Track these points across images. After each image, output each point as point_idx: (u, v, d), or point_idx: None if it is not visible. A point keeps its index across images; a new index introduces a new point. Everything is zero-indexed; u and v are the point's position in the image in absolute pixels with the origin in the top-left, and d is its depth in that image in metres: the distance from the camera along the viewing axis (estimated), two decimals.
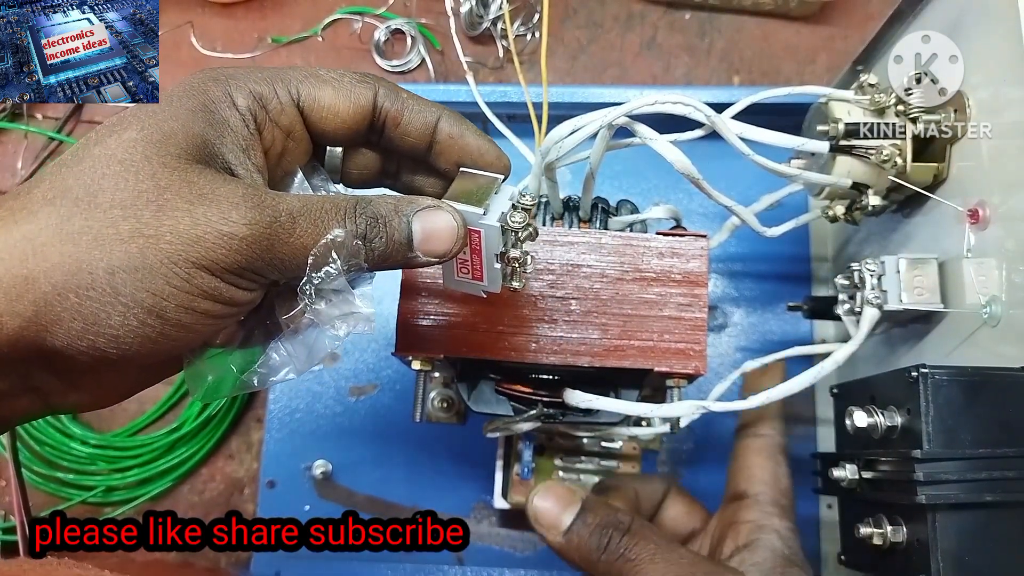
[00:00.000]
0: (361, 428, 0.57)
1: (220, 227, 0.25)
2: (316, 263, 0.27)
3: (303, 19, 0.66)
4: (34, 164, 0.62)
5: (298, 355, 0.30)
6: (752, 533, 0.38)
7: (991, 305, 0.35)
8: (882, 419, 0.35)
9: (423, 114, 0.31)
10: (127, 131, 0.26)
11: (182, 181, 0.25)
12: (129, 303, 0.25)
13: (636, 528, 0.36)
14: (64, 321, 0.25)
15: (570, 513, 0.36)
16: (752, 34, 0.63)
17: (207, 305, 0.26)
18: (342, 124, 0.31)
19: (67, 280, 0.24)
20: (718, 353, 0.57)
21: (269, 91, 0.30)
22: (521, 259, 0.31)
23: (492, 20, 0.62)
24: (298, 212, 0.27)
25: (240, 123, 0.28)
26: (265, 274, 0.27)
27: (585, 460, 0.52)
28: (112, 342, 0.25)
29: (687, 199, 0.59)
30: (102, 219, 0.25)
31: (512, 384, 0.39)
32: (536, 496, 0.37)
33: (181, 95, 0.28)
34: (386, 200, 0.29)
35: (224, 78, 0.29)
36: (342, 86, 0.31)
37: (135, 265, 0.24)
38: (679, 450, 0.56)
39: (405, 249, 0.29)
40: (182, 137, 0.26)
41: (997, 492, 0.32)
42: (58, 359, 0.26)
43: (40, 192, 0.25)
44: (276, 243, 0.26)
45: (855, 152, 0.40)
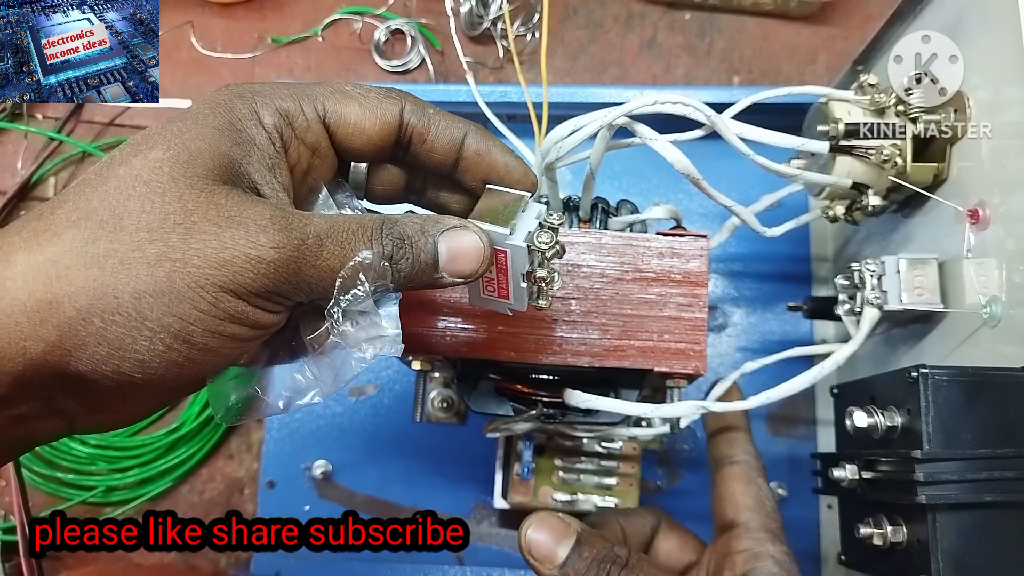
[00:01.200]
0: (361, 428, 0.57)
1: (248, 251, 0.25)
2: (344, 285, 0.27)
3: (303, 19, 0.66)
4: (34, 164, 0.62)
5: (324, 378, 0.29)
6: (748, 562, 0.37)
7: (991, 305, 0.35)
8: (882, 419, 0.35)
9: (450, 130, 0.31)
10: (153, 150, 0.26)
11: (209, 203, 0.25)
12: (155, 328, 0.24)
13: (634, 562, 0.35)
14: (89, 346, 0.24)
15: (565, 546, 0.35)
16: (752, 34, 0.63)
17: (234, 329, 0.26)
18: (368, 141, 0.30)
19: (92, 304, 0.24)
20: (718, 353, 0.57)
21: (295, 108, 0.29)
22: (547, 278, 0.31)
23: (492, 20, 0.62)
24: (325, 234, 0.26)
25: (266, 141, 0.28)
26: (292, 296, 0.27)
27: (585, 460, 0.52)
28: (138, 367, 0.25)
29: (687, 199, 0.59)
30: (128, 242, 0.24)
31: (512, 384, 0.39)
32: (529, 528, 0.35)
33: (207, 113, 0.27)
34: (412, 220, 0.28)
35: (250, 95, 0.29)
36: (368, 102, 0.30)
37: (162, 289, 0.24)
38: (679, 450, 0.56)
39: (431, 270, 0.28)
40: (209, 157, 0.26)
41: (997, 492, 0.31)
42: (82, 383, 0.26)
43: (64, 213, 0.25)
44: (303, 266, 0.26)
45: (855, 152, 0.40)
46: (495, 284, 0.31)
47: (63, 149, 0.63)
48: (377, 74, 0.64)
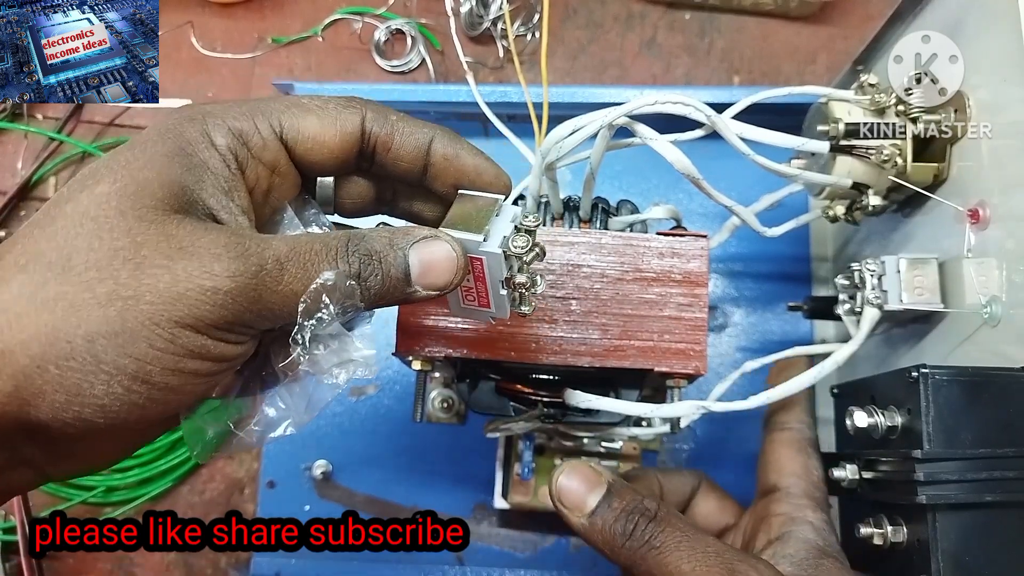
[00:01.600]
0: (361, 428, 0.57)
1: (202, 282, 0.24)
2: (307, 310, 0.25)
3: (303, 19, 0.66)
4: (34, 164, 0.62)
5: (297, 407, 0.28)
6: (784, 526, 0.36)
7: (991, 305, 0.35)
8: (882, 419, 0.35)
9: (414, 136, 0.30)
10: (99, 185, 0.25)
11: (160, 235, 0.24)
12: (111, 370, 0.23)
13: (663, 515, 0.34)
14: (47, 394, 0.23)
15: (596, 495, 0.34)
16: (752, 34, 0.63)
17: (195, 364, 0.25)
18: (330, 153, 0.29)
19: (45, 351, 0.23)
20: (718, 353, 0.57)
21: (249, 126, 0.28)
22: (528, 283, 0.30)
23: (492, 20, 0.62)
24: (286, 257, 0.25)
25: (220, 164, 0.27)
26: (256, 325, 0.26)
27: (585, 460, 0.52)
28: (99, 411, 0.24)
29: (687, 199, 0.59)
30: (78, 283, 0.23)
31: (512, 384, 0.39)
32: (561, 475, 0.35)
33: (155, 139, 0.26)
34: (380, 234, 0.27)
35: (201, 117, 0.28)
36: (326, 113, 0.29)
37: (115, 330, 0.23)
38: (679, 450, 0.56)
39: (403, 285, 0.27)
40: (158, 186, 0.25)
41: (997, 492, 0.32)
42: (45, 432, 0.25)
43: (12, 258, 0.24)
44: (264, 292, 0.25)
45: (855, 152, 0.40)
46: (474, 293, 0.30)
47: (63, 149, 0.63)
48: (377, 74, 0.64)
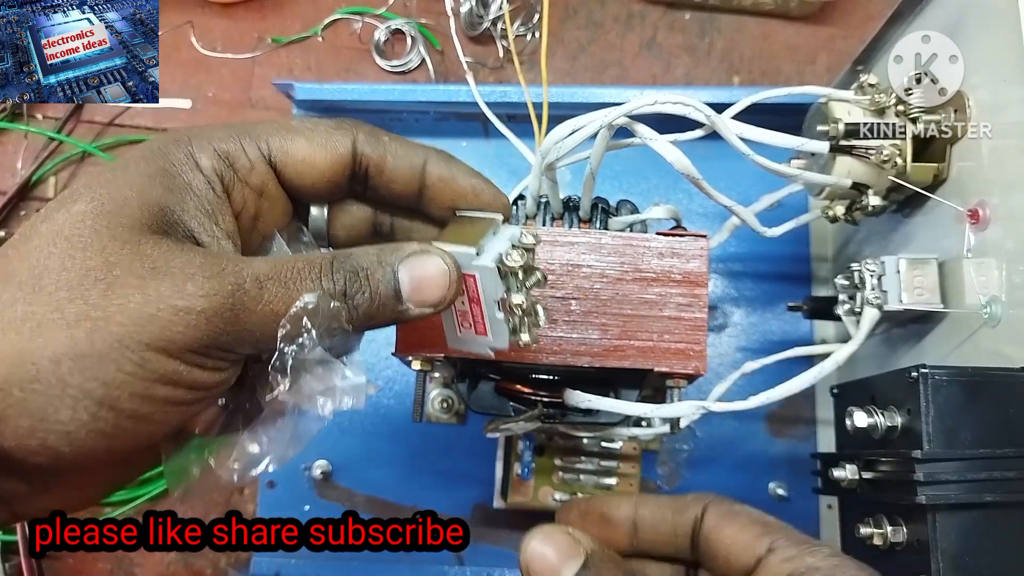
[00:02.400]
0: (361, 428, 0.57)
1: (174, 302, 0.23)
2: (288, 335, 0.24)
3: (303, 19, 0.66)
4: (34, 164, 0.62)
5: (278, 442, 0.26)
6: None
7: (991, 305, 0.35)
8: (882, 419, 0.35)
9: (408, 157, 0.29)
10: (76, 204, 0.24)
11: (134, 255, 0.23)
12: (77, 394, 0.22)
13: None
14: (11, 419, 0.22)
15: (571, 567, 0.29)
16: (752, 34, 0.63)
17: (166, 391, 0.23)
18: (320, 176, 0.28)
19: (10, 373, 0.22)
20: (718, 353, 0.57)
21: (236, 148, 0.27)
22: (527, 308, 0.28)
23: (492, 20, 0.62)
24: (266, 276, 0.24)
25: (204, 186, 0.26)
26: (234, 350, 0.24)
27: (585, 460, 0.52)
28: (64, 439, 0.23)
29: (687, 199, 0.59)
30: (46, 303, 0.22)
31: (512, 384, 0.39)
32: (534, 540, 0.30)
33: (138, 160, 0.26)
34: (367, 251, 0.26)
35: (187, 139, 0.27)
36: (316, 136, 0.28)
37: (82, 352, 0.22)
38: (679, 450, 0.56)
39: (393, 302, 0.26)
40: (137, 206, 0.24)
41: (997, 492, 0.31)
42: (10, 461, 0.23)
43: None
44: (242, 313, 0.23)
45: (855, 152, 0.40)
46: (470, 318, 0.29)
47: (63, 149, 0.63)
48: (377, 74, 0.64)
